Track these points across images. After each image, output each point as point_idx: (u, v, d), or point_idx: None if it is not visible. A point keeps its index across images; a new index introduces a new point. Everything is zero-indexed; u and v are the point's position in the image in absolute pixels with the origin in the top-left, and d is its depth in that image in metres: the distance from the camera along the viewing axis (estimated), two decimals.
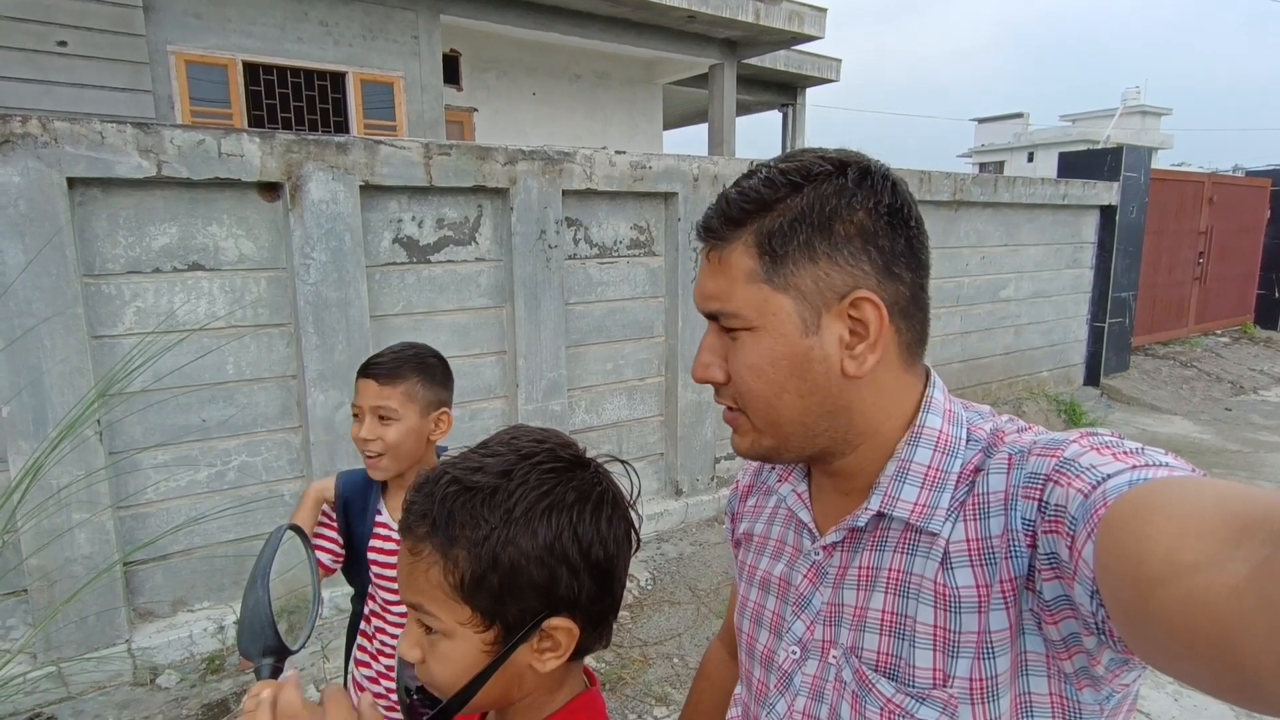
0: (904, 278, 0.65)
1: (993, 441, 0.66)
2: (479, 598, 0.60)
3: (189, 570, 2.77)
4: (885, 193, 0.64)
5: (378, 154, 2.86)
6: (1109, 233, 6.21)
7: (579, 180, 3.36)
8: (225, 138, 2.58)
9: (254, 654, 0.76)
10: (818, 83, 11.78)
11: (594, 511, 0.64)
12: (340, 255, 2.83)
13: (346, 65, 6.79)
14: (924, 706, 0.63)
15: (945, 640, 0.62)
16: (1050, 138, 33.04)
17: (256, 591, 0.76)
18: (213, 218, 2.66)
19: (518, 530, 0.60)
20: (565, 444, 0.68)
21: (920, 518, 0.65)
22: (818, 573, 0.74)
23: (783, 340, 0.64)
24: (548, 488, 0.62)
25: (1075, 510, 0.52)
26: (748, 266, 0.65)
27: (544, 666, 0.64)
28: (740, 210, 0.65)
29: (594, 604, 0.65)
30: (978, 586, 0.61)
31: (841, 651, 0.70)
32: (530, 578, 0.61)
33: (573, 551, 0.62)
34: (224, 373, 2.74)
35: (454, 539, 0.60)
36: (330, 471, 2.89)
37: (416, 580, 0.62)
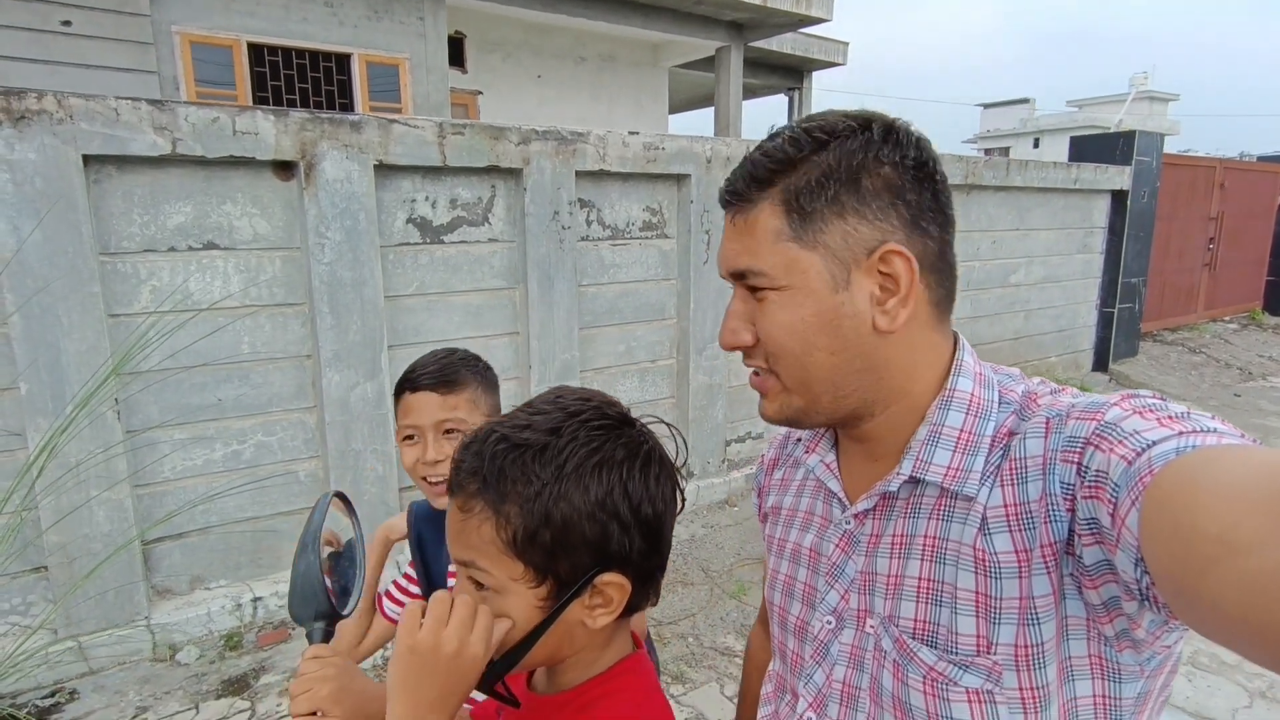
0: (931, 233, 0.65)
1: (1025, 404, 0.66)
2: (531, 553, 0.61)
3: (206, 549, 2.79)
4: (910, 147, 0.64)
5: (391, 133, 2.84)
6: (1120, 217, 6.18)
7: (592, 161, 3.34)
8: (240, 115, 2.57)
9: (305, 618, 0.77)
10: (824, 66, 11.68)
11: (643, 468, 0.64)
12: (355, 235, 2.82)
13: (352, 46, 6.74)
14: (967, 674, 0.63)
15: (987, 606, 0.62)
16: (1057, 123, 32.80)
17: (307, 556, 0.77)
18: (227, 196, 2.65)
19: (569, 486, 0.60)
20: (610, 403, 0.68)
21: (954, 481, 0.65)
22: (850, 541, 0.73)
23: (813, 297, 0.64)
24: (597, 444, 0.63)
25: (1118, 477, 0.51)
26: (775, 226, 0.64)
27: (595, 622, 0.64)
28: (766, 170, 0.65)
29: (644, 560, 0.65)
30: (1016, 552, 0.60)
31: (879, 621, 0.70)
32: (582, 533, 0.61)
33: (623, 507, 0.62)
34: (239, 352, 2.74)
35: (505, 495, 0.61)
36: (346, 453, 2.90)
37: (468, 537, 0.62)
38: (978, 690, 0.63)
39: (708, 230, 3.78)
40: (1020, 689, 0.61)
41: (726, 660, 2.69)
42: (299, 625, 0.77)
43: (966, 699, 0.63)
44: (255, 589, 2.84)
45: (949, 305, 0.69)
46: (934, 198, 0.65)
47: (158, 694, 2.45)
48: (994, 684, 0.62)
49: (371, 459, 2.98)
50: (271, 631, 2.78)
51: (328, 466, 2.91)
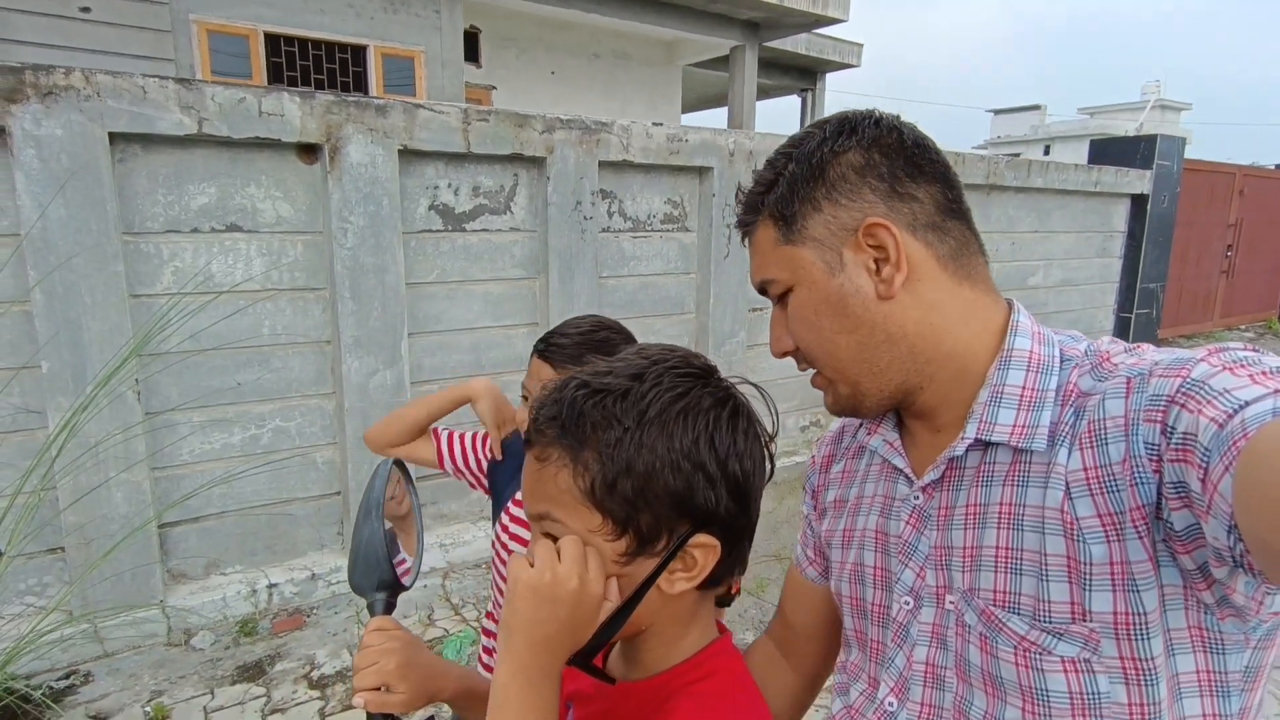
0: (916, 195, 0.67)
1: (1098, 363, 0.64)
2: (611, 503, 0.56)
3: (222, 533, 2.76)
4: (868, 130, 0.68)
5: (417, 118, 2.81)
6: (1139, 222, 6.13)
7: (615, 151, 3.31)
8: (266, 96, 2.55)
9: (368, 588, 0.74)
10: (838, 68, 11.64)
11: (731, 420, 0.60)
12: (378, 220, 2.79)
13: (368, 38, 6.73)
14: (1062, 642, 0.60)
15: (1078, 572, 0.59)
16: (1068, 130, 32.68)
17: (371, 524, 0.74)
18: (251, 178, 2.63)
19: (652, 432, 0.56)
20: (695, 354, 0.64)
21: (1021, 438, 0.63)
22: (920, 516, 0.71)
23: (815, 287, 0.68)
24: (682, 390, 0.58)
25: (1209, 441, 0.48)
26: (771, 236, 0.71)
27: (672, 587, 0.59)
28: (753, 196, 0.72)
29: (732, 521, 0.60)
30: (1100, 516, 0.58)
31: (959, 595, 0.67)
32: (666, 483, 0.56)
33: (710, 459, 0.58)
34: (260, 336, 2.71)
35: (584, 441, 0.57)
36: (364, 439, 2.87)
37: (544, 486, 0.58)
38: (1074, 659, 0.60)
39: (729, 224, 3.75)
40: (1121, 658, 0.59)
41: None
42: (360, 596, 0.74)
43: (1062, 668, 0.60)
44: (270, 575, 2.81)
45: (970, 257, 0.69)
46: (907, 162, 0.67)
47: (172, 678, 2.43)
48: (1091, 652, 0.59)
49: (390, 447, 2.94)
50: (286, 619, 2.76)
51: (345, 453, 2.88)
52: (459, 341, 3.13)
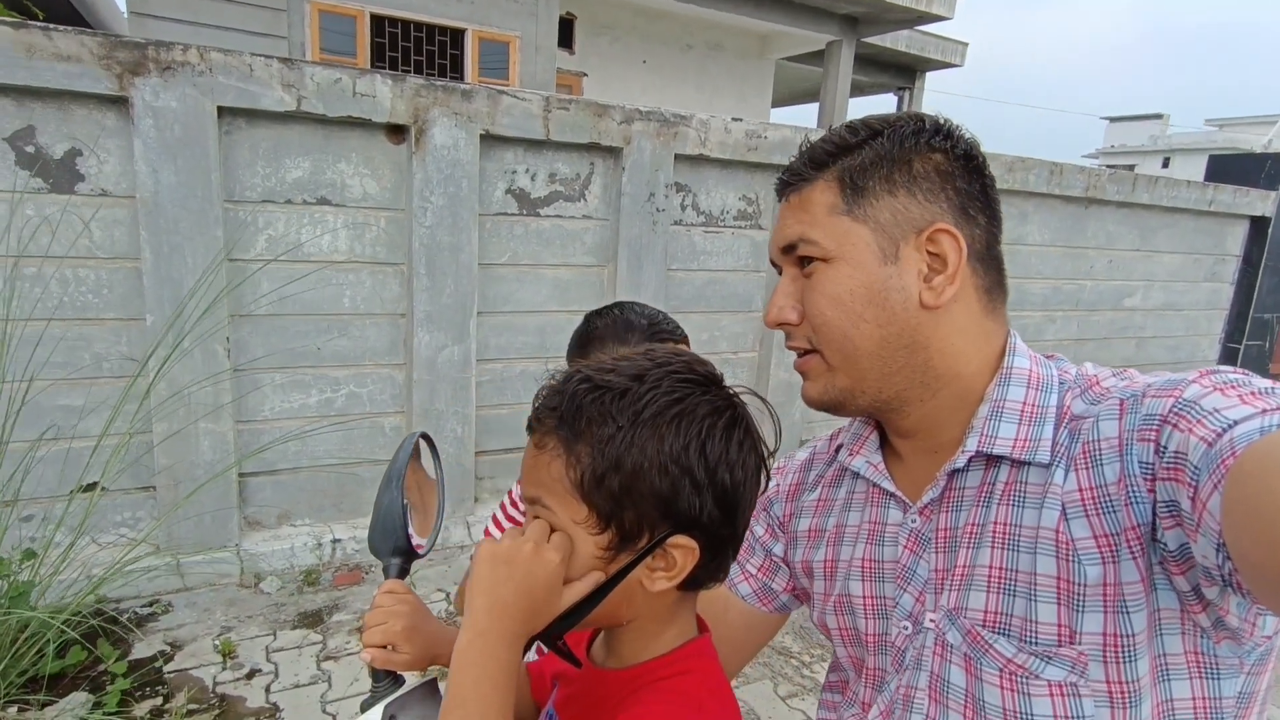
0: (979, 222, 0.67)
1: (1089, 386, 0.64)
2: (597, 497, 0.58)
3: (295, 487, 2.95)
4: (960, 141, 0.68)
5: (500, 104, 2.90)
6: (1258, 246, 5.68)
7: (692, 145, 3.31)
8: (360, 78, 2.67)
9: (384, 552, 0.79)
10: (939, 66, 11.20)
11: (725, 430, 0.61)
12: (456, 201, 2.90)
13: (467, 22, 6.92)
14: (1050, 666, 0.59)
15: (1070, 593, 0.58)
16: (1191, 143, 30.43)
17: (391, 492, 0.78)
18: (342, 155, 2.77)
19: (644, 433, 0.58)
20: (701, 361, 0.66)
21: (1024, 451, 0.63)
22: (917, 540, 0.70)
23: (861, 268, 0.66)
24: (680, 395, 0.60)
25: (1198, 459, 0.49)
26: (829, 200, 0.67)
27: (652, 585, 0.61)
28: (824, 152, 0.68)
29: (715, 529, 0.61)
30: (1096, 537, 0.57)
31: (943, 614, 0.66)
32: (651, 484, 0.58)
33: (698, 466, 0.59)
34: (340, 304, 2.87)
35: (579, 434, 0.59)
36: (429, 411, 3.00)
37: (538, 473, 0.61)
38: (1061, 683, 0.59)
39: None
40: (1107, 681, 0.58)
41: (783, 660, 2.65)
42: (377, 558, 0.79)
43: (1049, 692, 0.60)
44: (335, 530, 2.98)
45: (1000, 295, 0.70)
46: (983, 190, 0.67)
47: (241, 617, 2.62)
48: (1079, 676, 0.59)
49: (453, 421, 3.07)
50: (347, 573, 2.92)
51: (411, 422, 3.02)
52: (525, 323, 3.22)
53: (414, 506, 0.81)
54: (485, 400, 3.19)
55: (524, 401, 3.29)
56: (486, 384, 3.18)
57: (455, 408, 3.07)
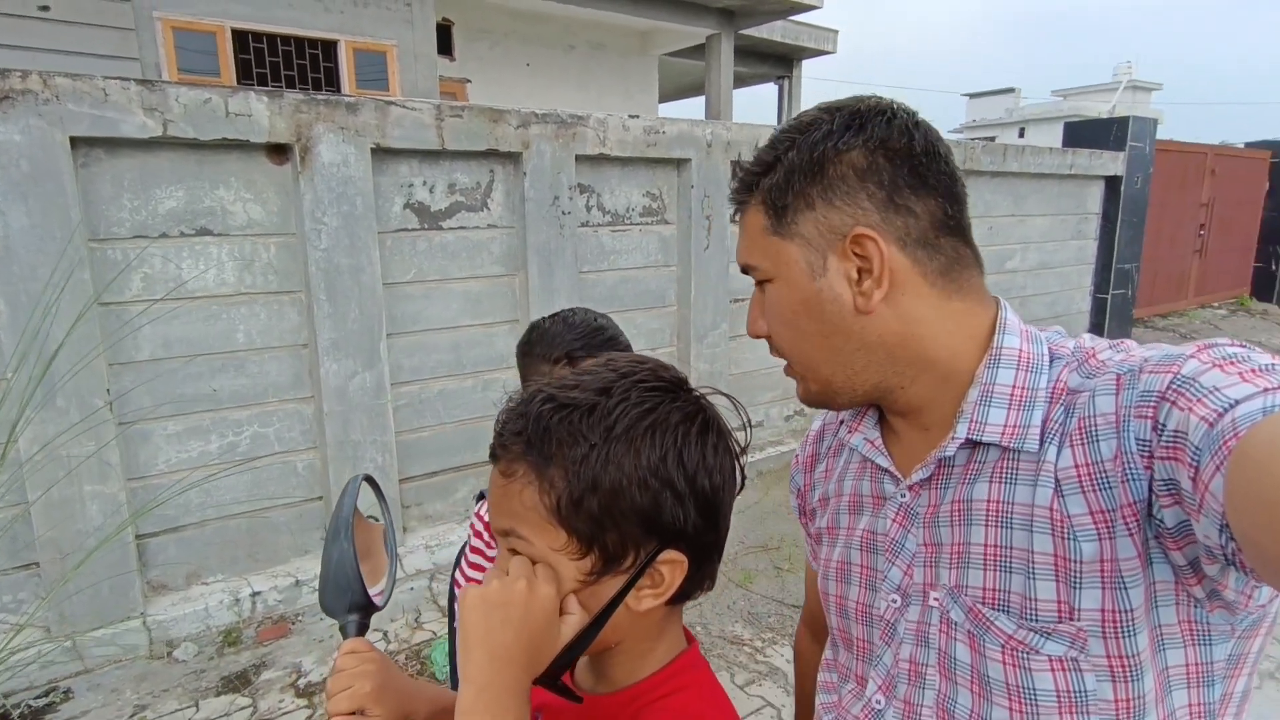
0: (914, 209, 0.64)
1: (1084, 360, 0.63)
2: (576, 521, 0.55)
3: (202, 542, 2.72)
4: (878, 128, 0.64)
5: (389, 115, 2.77)
6: (1113, 204, 6.19)
7: (592, 145, 3.28)
8: (232, 97, 2.49)
9: (339, 610, 0.72)
10: (814, 54, 11.63)
11: (700, 435, 0.59)
12: (352, 220, 2.75)
13: (339, 33, 6.63)
14: (1050, 641, 0.60)
15: (1066, 570, 0.59)
16: (1042, 113, 32.95)
17: (340, 544, 0.72)
18: (220, 181, 2.57)
19: (619, 448, 0.55)
20: (665, 366, 0.63)
21: (1013, 438, 0.62)
22: (906, 515, 0.71)
23: (795, 286, 0.67)
24: (650, 405, 0.57)
25: (1199, 440, 0.48)
26: (761, 223, 0.68)
27: (640, 605, 0.59)
28: (750, 174, 0.70)
29: (699, 537, 0.59)
30: (1093, 513, 0.57)
31: (945, 592, 0.67)
32: (632, 501, 0.56)
33: (678, 476, 0.57)
34: (234, 341, 2.67)
35: (550, 458, 0.56)
36: (345, 444, 2.84)
37: (509, 503, 0.58)
38: (1061, 658, 0.60)
39: (708, 215, 3.74)
40: (1108, 656, 0.59)
41: (735, 649, 2.66)
42: (332, 618, 0.72)
43: (1049, 667, 0.60)
44: (254, 583, 2.78)
45: (963, 273, 0.67)
46: (911, 172, 0.64)
47: (155, 692, 2.39)
48: (1079, 651, 0.59)
49: (372, 450, 2.92)
50: (271, 626, 2.72)
51: (326, 458, 2.85)
52: (439, 341, 3.10)
53: (364, 554, 0.74)
54: (404, 425, 3.05)
55: (445, 422, 3.18)
56: (404, 408, 3.04)
57: (373, 436, 2.92)
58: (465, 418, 3.22)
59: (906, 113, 0.66)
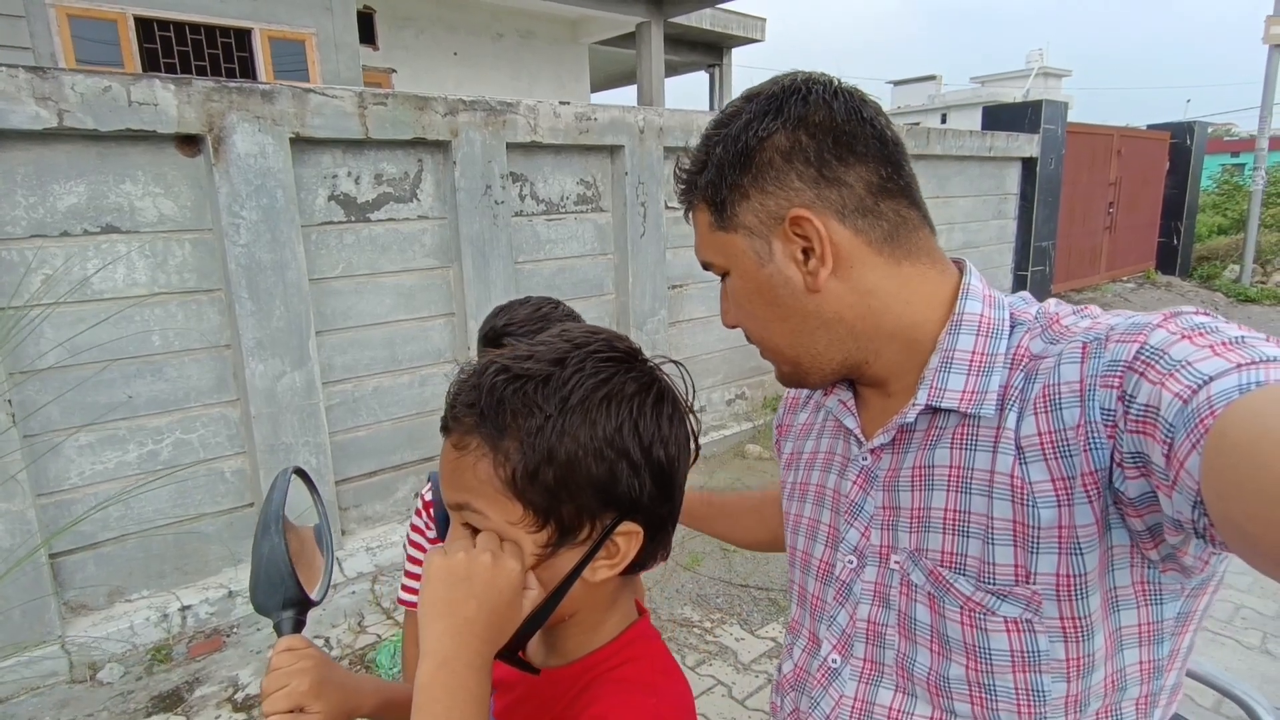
0: (845, 179, 0.64)
1: (1048, 325, 0.63)
2: (532, 493, 0.55)
3: (124, 558, 2.58)
4: (795, 107, 0.64)
5: (308, 103, 2.66)
6: (1030, 184, 6.46)
7: (523, 132, 3.23)
8: (135, 84, 2.35)
9: (271, 607, 0.69)
10: (744, 42, 11.73)
11: (655, 406, 0.59)
12: (273, 214, 2.63)
13: (252, 20, 6.34)
14: (1005, 603, 0.61)
15: (1025, 536, 0.59)
16: (962, 99, 34.14)
17: (271, 538, 0.68)
18: (126, 174, 2.43)
19: (574, 419, 0.54)
20: (619, 337, 0.62)
21: (970, 404, 0.63)
22: (867, 478, 0.72)
23: (747, 276, 0.68)
24: (605, 375, 0.57)
25: (1173, 417, 0.47)
26: (706, 220, 0.70)
27: (595, 576, 0.58)
28: (687, 175, 0.71)
29: (655, 508, 0.59)
30: (1054, 480, 0.58)
31: (905, 555, 0.67)
32: (589, 472, 0.55)
33: (633, 447, 0.56)
34: (150, 344, 2.52)
35: (504, 429, 0.55)
36: (275, 447, 2.73)
37: (463, 476, 0.56)
38: (1016, 620, 0.61)
39: (643, 203, 3.73)
40: (1061, 618, 0.60)
41: (685, 631, 2.68)
42: (265, 616, 0.69)
43: (1005, 628, 0.62)
44: (182, 597, 2.65)
45: (910, 236, 0.66)
46: (836, 143, 0.63)
47: (79, 717, 2.26)
48: (1033, 613, 0.60)
49: (305, 452, 2.81)
50: (204, 641, 2.61)
51: (256, 462, 2.73)
52: (371, 337, 3.01)
53: (296, 551, 0.71)
54: (338, 425, 2.95)
55: (382, 420, 3.09)
56: (337, 407, 2.94)
57: (305, 438, 2.81)
58: (402, 415, 3.14)
59: (823, 84, 0.65)
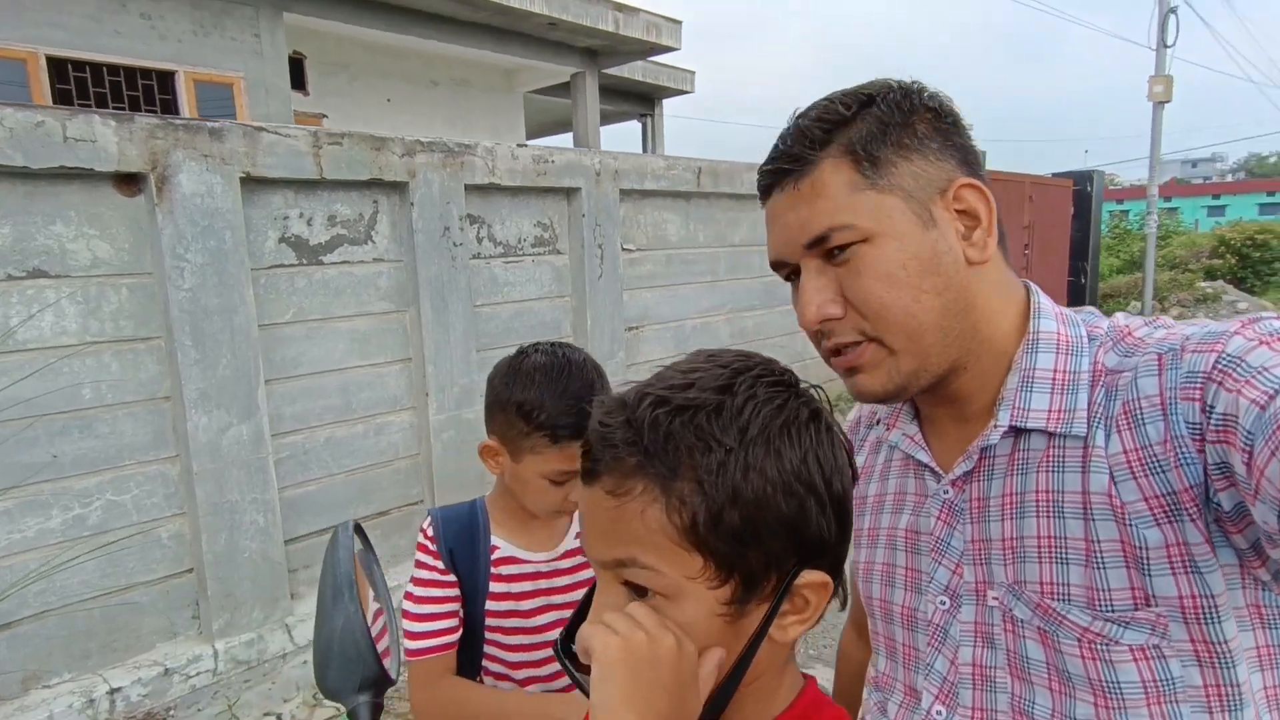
0: (977, 170, 0.65)
1: (1119, 337, 0.63)
2: (715, 542, 0.47)
3: (44, 637, 2.31)
4: (930, 97, 0.65)
5: (259, 142, 2.54)
6: None
7: (481, 174, 3.18)
8: (71, 120, 2.19)
9: (347, 691, 0.59)
10: (674, 94, 12.10)
11: (828, 433, 0.53)
12: (220, 256, 2.48)
13: (176, 64, 6.12)
14: (1129, 630, 0.58)
15: (1134, 557, 0.57)
16: None
17: (345, 607, 0.59)
18: (57, 214, 2.25)
19: (758, 452, 0.48)
20: (771, 359, 0.57)
21: (1059, 424, 0.61)
22: (951, 511, 0.68)
23: (907, 240, 0.62)
24: (780, 401, 0.50)
25: (1250, 424, 0.46)
26: (846, 178, 0.62)
27: (785, 635, 0.51)
28: (822, 129, 0.63)
29: (836, 549, 0.53)
30: (1147, 499, 0.56)
31: (1003, 589, 0.64)
32: (779, 512, 0.48)
33: (818, 480, 0.50)
34: (79, 398, 2.31)
35: (677, 468, 0.47)
36: (220, 506, 2.53)
37: (625, 527, 0.48)
38: (1143, 646, 0.58)
39: (600, 244, 3.72)
40: (1191, 640, 0.57)
41: None
42: (335, 701, 0.59)
43: (1131, 658, 0.58)
44: (111, 679, 2.38)
45: (1005, 247, 0.68)
46: (967, 145, 0.65)
47: None
48: (1159, 637, 0.57)
49: (251, 511, 2.61)
50: None
51: (198, 524, 2.51)
52: (324, 385, 2.85)
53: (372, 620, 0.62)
54: (288, 479, 2.76)
55: (335, 473, 2.91)
56: (287, 460, 2.76)
57: (252, 494, 2.61)
58: (356, 466, 2.97)
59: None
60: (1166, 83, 9.75)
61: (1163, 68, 9.96)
